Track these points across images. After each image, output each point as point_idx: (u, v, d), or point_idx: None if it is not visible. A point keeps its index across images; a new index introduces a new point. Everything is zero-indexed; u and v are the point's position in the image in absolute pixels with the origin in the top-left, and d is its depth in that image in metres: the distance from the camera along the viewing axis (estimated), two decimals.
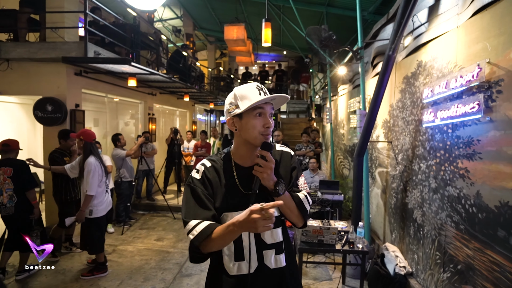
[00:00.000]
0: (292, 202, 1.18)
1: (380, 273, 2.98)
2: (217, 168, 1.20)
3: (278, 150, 1.28)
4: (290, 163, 1.26)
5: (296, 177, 1.26)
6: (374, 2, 4.76)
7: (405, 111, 3.16)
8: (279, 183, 1.11)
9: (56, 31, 4.07)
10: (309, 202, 1.23)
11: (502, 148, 1.75)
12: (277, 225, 1.17)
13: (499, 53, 1.79)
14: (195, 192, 1.15)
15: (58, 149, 3.77)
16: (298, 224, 1.23)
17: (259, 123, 1.12)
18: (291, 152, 1.30)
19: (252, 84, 1.15)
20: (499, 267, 1.76)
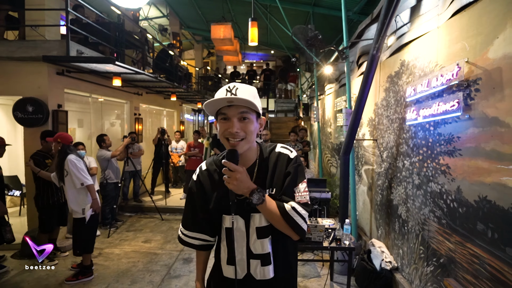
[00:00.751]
0: (276, 213, 1.07)
1: (366, 268, 3.04)
2: (211, 171, 1.21)
3: (276, 152, 1.17)
4: (285, 167, 1.13)
5: (290, 184, 1.12)
6: (359, 2, 4.84)
7: (389, 110, 3.23)
8: (254, 192, 1.03)
9: (36, 29, 3.95)
10: (300, 214, 1.08)
11: (480, 145, 1.81)
12: (264, 235, 1.12)
13: (477, 53, 1.86)
14: (191, 195, 1.25)
15: (40, 151, 3.66)
16: (292, 237, 1.11)
17: (222, 128, 1.06)
18: (289, 155, 1.16)
19: (225, 86, 1.06)
20: (478, 260, 1.83)
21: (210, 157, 1.31)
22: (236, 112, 1.04)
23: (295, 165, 1.14)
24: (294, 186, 1.12)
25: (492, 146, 1.72)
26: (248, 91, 1.05)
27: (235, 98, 1.01)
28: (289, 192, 1.11)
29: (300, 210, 1.08)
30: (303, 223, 1.09)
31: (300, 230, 1.08)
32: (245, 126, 1.06)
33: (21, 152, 4.27)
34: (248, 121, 1.06)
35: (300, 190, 1.12)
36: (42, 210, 3.62)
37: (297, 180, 1.13)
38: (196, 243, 1.27)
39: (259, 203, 1.04)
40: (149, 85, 6.41)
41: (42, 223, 3.62)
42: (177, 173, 7.75)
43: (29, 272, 3.42)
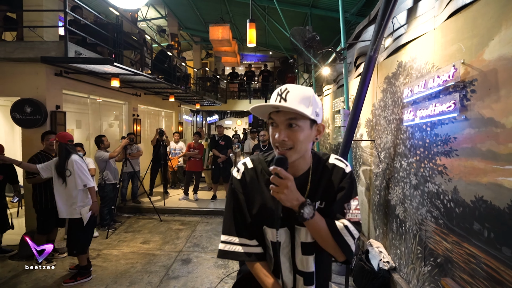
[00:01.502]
0: (325, 229, 0.98)
1: (364, 268, 3.05)
2: (258, 171, 1.09)
3: (330, 163, 1.08)
4: (339, 181, 1.04)
5: (342, 199, 1.03)
6: (356, 4, 4.87)
7: (386, 110, 3.25)
8: (305, 205, 0.94)
9: (35, 30, 3.94)
10: (351, 234, 1.00)
11: (476, 145, 1.83)
12: (308, 252, 1.04)
13: (472, 54, 1.88)
14: (235, 196, 1.09)
15: (42, 151, 3.65)
16: (337, 258, 1.02)
17: (271, 134, 0.99)
18: (345, 169, 1.06)
19: (280, 87, 0.99)
20: (475, 259, 1.84)
21: (255, 154, 1.17)
22: (284, 119, 0.95)
23: (349, 180, 1.05)
24: (345, 202, 1.04)
25: (488, 146, 1.73)
26: (299, 95, 0.95)
27: (281, 106, 0.93)
28: (339, 208, 1.03)
29: (352, 230, 1.00)
30: (353, 244, 1.00)
31: (349, 251, 1.00)
32: (293, 134, 0.95)
33: (19, 153, 4.26)
34: (297, 129, 0.95)
35: (351, 207, 1.04)
36: (40, 211, 3.61)
37: (350, 196, 1.04)
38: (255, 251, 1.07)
39: (309, 218, 0.94)
40: (148, 86, 6.41)
41: (40, 224, 3.61)
42: (176, 174, 7.74)
43: (27, 273, 3.41)
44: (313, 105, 0.97)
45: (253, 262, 1.07)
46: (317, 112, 0.99)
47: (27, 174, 3.54)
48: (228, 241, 1.08)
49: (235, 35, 9.38)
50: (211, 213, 5.87)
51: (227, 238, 1.09)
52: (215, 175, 6.50)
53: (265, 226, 1.07)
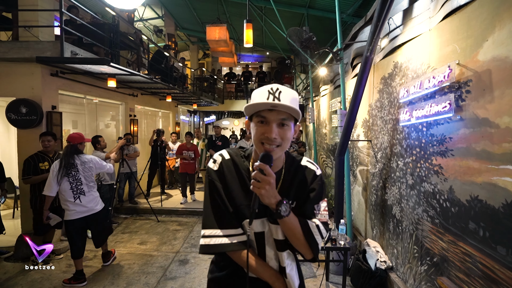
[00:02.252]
0: (298, 227, 1.04)
1: (362, 268, 3.06)
2: (236, 162, 1.11)
3: (303, 165, 1.13)
4: (310, 182, 1.11)
5: (312, 200, 1.10)
6: (353, 5, 4.89)
7: (383, 111, 3.27)
8: (282, 203, 0.98)
9: (30, 30, 3.92)
10: (321, 233, 1.07)
11: (471, 145, 1.85)
12: (282, 248, 1.08)
13: (467, 55, 1.89)
14: (214, 188, 1.09)
15: (39, 152, 3.61)
16: (306, 255, 1.08)
17: (259, 131, 1.00)
18: (316, 171, 1.13)
19: (269, 86, 1.01)
20: (470, 258, 1.86)
21: (231, 148, 1.19)
22: (277, 118, 0.99)
23: (319, 182, 1.12)
24: (315, 204, 1.10)
25: (482, 146, 1.75)
26: (291, 95, 0.99)
27: (279, 104, 0.95)
28: (310, 208, 1.09)
29: (322, 230, 1.07)
30: (321, 243, 1.08)
31: (317, 250, 1.07)
32: (283, 132, 1.00)
33: (14, 154, 4.23)
34: (287, 128, 1.01)
35: (320, 208, 1.11)
36: (37, 213, 3.58)
37: (320, 198, 1.11)
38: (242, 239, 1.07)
39: (285, 215, 0.99)
40: (144, 86, 6.39)
41: (36, 226, 3.58)
42: (173, 175, 7.72)
43: (22, 275, 3.39)
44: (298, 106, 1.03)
45: (242, 250, 1.06)
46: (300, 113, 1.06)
47: (23, 174, 3.51)
48: (211, 235, 1.06)
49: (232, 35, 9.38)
50: None
51: (210, 232, 1.07)
52: None
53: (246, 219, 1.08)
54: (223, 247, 1.05)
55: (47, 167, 3.61)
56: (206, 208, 1.10)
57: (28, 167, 3.49)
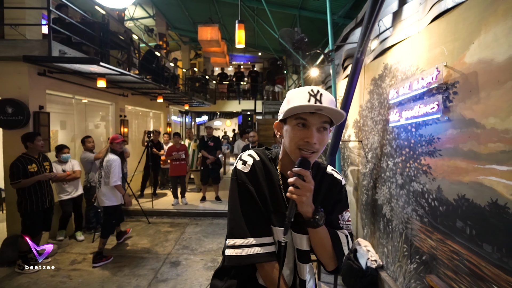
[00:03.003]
0: (327, 238, 0.98)
1: (353, 267, 3.09)
2: (266, 164, 1.04)
3: (328, 173, 1.09)
4: (337, 192, 1.07)
5: (338, 211, 1.06)
6: (344, 6, 4.94)
7: (373, 111, 3.31)
8: (318, 211, 0.93)
9: (17, 28, 3.82)
10: (349, 244, 1.03)
11: (459, 145, 1.89)
12: (305, 260, 1.03)
13: (454, 57, 1.94)
14: (246, 191, 1.00)
15: (25, 154, 3.51)
16: (328, 266, 1.01)
17: (298, 135, 0.93)
18: (341, 180, 1.09)
19: (307, 88, 0.95)
20: (458, 256, 1.90)
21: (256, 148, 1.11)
22: (319, 121, 0.92)
23: (345, 192, 1.10)
24: (340, 214, 1.06)
25: (469, 146, 1.79)
26: (331, 98, 0.94)
27: (325, 107, 0.89)
28: (335, 219, 1.05)
29: (349, 241, 1.03)
30: (347, 250, 1.03)
31: (341, 260, 1.00)
32: (322, 137, 0.94)
33: (0, 155, 4.12)
34: (326, 133, 0.95)
35: (345, 218, 1.06)
36: (26, 215, 3.47)
37: (344, 208, 1.08)
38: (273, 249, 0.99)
39: (321, 224, 0.94)
40: (135, 86, 6.31)
41: (25, 229, 3.48)
42: (164, 176, 7.64)
43: (8, 279, 3.30)
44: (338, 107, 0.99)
45: (273, 261, 0.98)
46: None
47: (12, 179, 3.39)
48: (243, 245, 0.96)
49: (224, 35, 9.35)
50: (201, 215, 5.83)
51: (242, 241, 0.96)
52: (204, 177, 6.45)
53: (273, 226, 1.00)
54: (258, 258, 0.96)
55: (35, 169, 3.52)
56: (235, 214, 0.99)
57: (17, 171, 3.38)
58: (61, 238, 4.30)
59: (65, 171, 4.18)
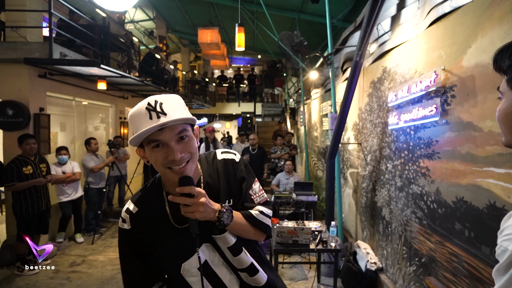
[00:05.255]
0: (244, 223, 0.98)
1: (352, 270, 3.10)
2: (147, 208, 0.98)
3: (220, 159, 1.04)
4: (235, 173, 1.02)
5: (246, 188, 1.03)
6: (343, 10, 4.98)
7: (372, 114, 3.33)
8: (222, 212, 0.89)
9: (18, 30, 3.84)
10: (267, 215, 1.03)
11: (457, 148, 1.91)
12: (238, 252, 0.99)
13: (452, 61, 1.96)
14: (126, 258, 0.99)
15: (20, 156, 3.51)
16: (259, 239, 1.06)
17: (159, 157, 0.85)
18: (234, 158, 1.04)
19: (142, 105, 0.84)
20: (456, 258, 1.91)
21: (134, 195, 1.04)
22: (173, 135, 0.84)
23: (244, 168, 1.04)
24: (249, 189, 1.04)
25: (467, 149, 1.81)
26: (174, 102, 0.87)
27: (169, 121, 0.81)
28: (246, 197, 1.03)
29: (266, 212, 1.04)
30: (270, 222, 1.05)
31: (268, 230, 1.05)
32: (187, 146, 0.87)
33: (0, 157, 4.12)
34: (189, 139, 0.88)
35: (255, 191, 1.05)
36: (20, 219, 3.46)
37: (251, 182, 1.05)
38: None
39: (229, 222, 0.90)
40: (135, 88, 6.33)
41: (20, 231, 3.47)
42: None
43: (7, 282, 3.29)
44: (185, 107, 0.91)
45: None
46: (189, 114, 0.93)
47: (5, 181, 3.37)
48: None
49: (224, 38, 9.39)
50: None
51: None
52: None
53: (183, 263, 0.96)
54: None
55: (31, 171, 3.48)
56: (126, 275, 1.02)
57: (11, 173, 3.35)
58: (60, 240, 4.30)
59: (65, 173, 4.18)
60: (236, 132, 17.00)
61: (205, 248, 0.97)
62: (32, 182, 3.46)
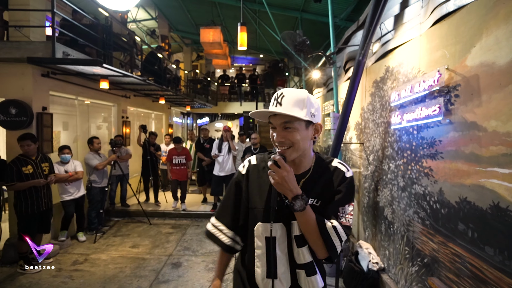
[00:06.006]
0: (313, 224, 1.02)
1: (354, 270, 3.09)
2: (259, 168, 1.18)
3: (333, 165, 1.13)
4: (338, 183, 1.09)
5: (337, 202, 1.07)
6: (346, 9, 4.96)
7: (375, 114, 3.32)
8: (298, 198, 0.99)
9: (21, 30, 3.86)
10: (339, 235, 1.03)
11: (460, 148, 1.89)
12: (301, 244, 1.08)
13: (456, 60, 1.94)
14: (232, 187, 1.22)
15: (21, 156, 3.50)
16: (319, 253, 1.06)
17: (271, 135, 1.08)
18: (345, 173, 1.11)
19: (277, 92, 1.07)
20: (460, 258, 1.90)
21: (260, 153, 1.26)
22: (280, 122, 1.04)
23: (348, 185, 1.09)
24: (340, 206, 1.07)
25: (471, 149, 1.80)
26: (293, 98, 1.03)
27: (276, 112, 1.02)
28: (333, 210, 1.07)
29: (340, 231, 1.04)
30: (339, 245, 1.04)
31: (333, 250, 1.04)
32: (289, 134, 1.03)
33: (3, 156, 4.14)
34: (292, 130, 1.03)
35: (346, 211, 1.08)
36: (21, 217, 3.46)
37: (346, 201, 1.08)
38: (227, 241, 1.18)
39: (299, 210, 0.99)
40: (137, 88, 6.34)
41: (21, 230, 3.46)
42: (166, 176, 7.62)
43: (10, 280, 3.31)
44: (307, 106, 1.04)
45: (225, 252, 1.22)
46: (312, 113, 1.06)
47: (6, 181, 3.38)
48: (218, 228, 1.21)
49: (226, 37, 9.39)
50: (202, 216, 5.83)
51: (219, 224, 1.21)
52: (199, 178, 6.47)
53: (260, 222, 1.11)
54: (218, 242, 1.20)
55: (31, 171, 3.47)
56: (223, 201, 1.25)
57: (11, 173, 3.36)
58: (63, 238, 4.32)
59: (68, 171, 4.20)
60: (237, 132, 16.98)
61: (278, 227, 1.09)
62: (32, 182, 3.45)
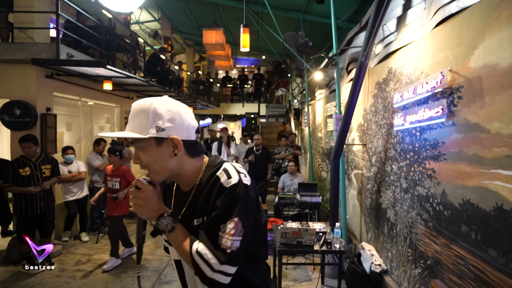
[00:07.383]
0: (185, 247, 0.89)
1: (356, 271, 3.08)
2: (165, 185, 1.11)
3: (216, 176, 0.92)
4: (214, 198, 0.89)
5: (214, 219, 0.87)
6: (348, 11, 4.96)
7: (377, 115, 3.31)
8: (162, 217, 0.88)
9: (25, 31, 3.90)
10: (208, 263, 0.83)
11: (463, 150, 1.89)
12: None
13: (459, 62, 1.94)
14: None
15: (21, 157, 3.46)
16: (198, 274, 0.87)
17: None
18: (222, 183, 0.88)
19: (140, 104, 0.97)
20: (463, 261, 1.89)
21: None
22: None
23: (226, 197, 0.87)
24: (218, 224, 0.86)
25: (473, 151, 1.79)
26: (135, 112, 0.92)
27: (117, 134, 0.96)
28: (209, 229, 0.87)
29: (207, 258, 0.83)
30: (209, 271, 0.83)
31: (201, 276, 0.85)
32: (140, 155, 0.92)
33: (7, 156, 4.18)
34: (141, 150, 0.92)
35: (225, 230, 0.85)
36: (19, 219, 3.45)
37: (223, 218, 0.86)
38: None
39: (166, 230, 0.88)
40: (140, 89, 6.37)
41: (18, 231, 3.46)
42: None
43: (14, 279, 3.33)
44: (150, 119, 0.88)
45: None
46: (159, 127, 0.88)
47: (4, 182, 3.36)
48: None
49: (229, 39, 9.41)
50: None
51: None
52: None
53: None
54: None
55: (28, 173, 3.40)
56: None
57: (7, 174, 3.33)
58: (66, 239, 4.33)
59: (71, 172, 4.22)
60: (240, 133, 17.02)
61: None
62: (23, 190, 3.35)
